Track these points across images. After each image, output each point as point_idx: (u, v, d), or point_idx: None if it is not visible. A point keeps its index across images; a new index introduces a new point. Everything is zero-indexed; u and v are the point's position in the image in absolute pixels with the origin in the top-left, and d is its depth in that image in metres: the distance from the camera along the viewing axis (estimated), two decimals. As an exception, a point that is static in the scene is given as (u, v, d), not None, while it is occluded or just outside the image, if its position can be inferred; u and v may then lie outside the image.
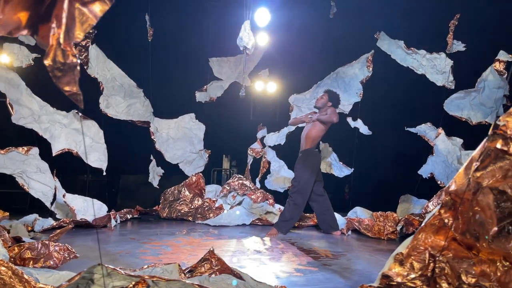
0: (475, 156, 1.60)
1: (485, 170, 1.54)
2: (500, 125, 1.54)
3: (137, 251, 3.55)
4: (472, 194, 1.56)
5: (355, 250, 4.10)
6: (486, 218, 1.54)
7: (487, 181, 1.53)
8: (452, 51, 6.05)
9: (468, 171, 1.59)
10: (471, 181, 1.53)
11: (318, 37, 7.05)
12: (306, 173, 4.80)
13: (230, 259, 3.37)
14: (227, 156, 9.08)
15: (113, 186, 8.14)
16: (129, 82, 6.26)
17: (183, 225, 5.33)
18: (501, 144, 1.53)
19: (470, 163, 1.61)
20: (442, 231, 1.66)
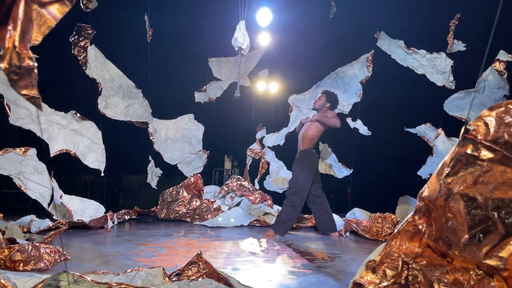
0: (446, 161, 1.55)
1: (456, 176, 1.50)
2: (471, 130, 1.52)
3: (131, 253, 3.53)
4: (444, 200, 1.52)
5: (352, 252, 4.07)
6: (458, 225, 1.50)
7: (458, 187, 1.48)
8: (452, 51, 6.01)
9: (440, 177, 1.54)
10: (443, 187, 1.49)
11: (318, 37, 7.02)
12: (303, 174, 4.76)
13: (224, 261, 3.34)
14: (229, 156, 9.07)
15: (115, 187, 8.18)
16: (128, 82, 6.25)
17: (181, 226, 5.32)
18: (472, 150, 1.49)
19: (441, 168, 1.56)
20: (416, 237, 1.62)
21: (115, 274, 1.85)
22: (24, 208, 5.69)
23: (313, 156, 4.94)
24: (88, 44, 5.96)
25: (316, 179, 4.94)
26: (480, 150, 1.49)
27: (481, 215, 1.46)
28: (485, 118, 1.53)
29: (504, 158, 1.47)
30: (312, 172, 4.81)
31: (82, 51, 5.93)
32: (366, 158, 6.46)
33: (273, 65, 7.34)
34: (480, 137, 1.49)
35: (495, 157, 1.48)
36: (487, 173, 1.48)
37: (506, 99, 5.50)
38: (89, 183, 7.22)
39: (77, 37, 5.93)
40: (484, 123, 1.52)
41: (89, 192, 6.98)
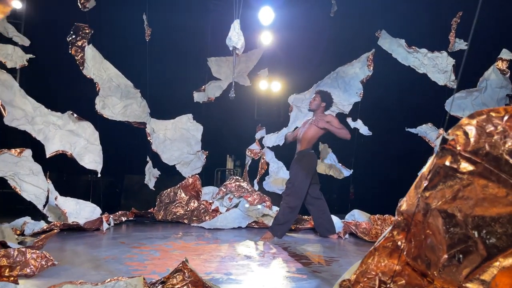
0: (424, 173, 1.43)
1: (434, 189, 1.39)
2: (449, 140, 1.39)
3: (123, 256, 3.48)
4: (422, 216, 1.42)
5: (350, 255, 3.99)
6: (437, 243, 1.40)
7: (436, 202, 1.38)
8: (454, 50, 5.91)
9: (418, 190, 1.43)
10: (421, 202, 1.39)
11: (320, 36, 6.95)
12: (301, 175, 4.68)
13: (217, 265, 3.28)
14: (231, 156, 9.04)
15: (117, 186, 8.16)
16: (126, 82, 6.20)
17: (178, 228, 5.26)
18: (450, 161, 1.37)
19: (419, 181, 1.45)
20: (395, 254, 1.51)
21: (93, 284, 1.79)
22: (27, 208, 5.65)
23: (311, 156, 4.85)
24: (85, 43, 5.91)
25: (315, 180, 4.86)
26: (459, 162, 1.38)
27: (460, 233, 1.36)
28: (465, 127, 1.42)
29: (485, 171, 1.36)
30: (310, 173, 4.73)
31: (79, 51, 5.89)
32: (366, 159, 6.38)
33: (274, 64, 7.27)
34: (460, 148, 1.38)
35: (476, 169, 1.37)
36: (467, 188, 1.37)
37: (509, 98, 5.40)
38: (91, 183, 7.19)
39: (74, 36, 5.89)
40: (463, 133, 1.40)
41: (91, 191, 6.97)
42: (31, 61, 5.54)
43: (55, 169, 6.56)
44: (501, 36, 5.31)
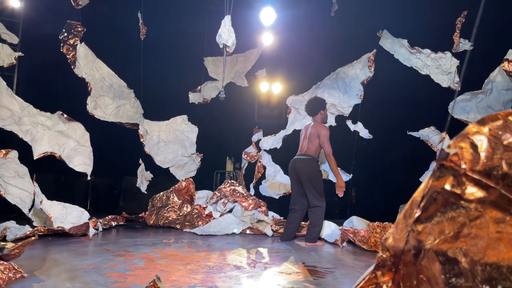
0: (416, 197, 1.08)
1: (430, 222, 1.04)
2: (450, 154, 1.04)
3: (105, 266, 3.28)
4: (413, 256, 1.08)
5: (346, 266, 3.78)
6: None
7: (431, 240, 1.04)
8: (458, 50, 5.69)
9: (408, 221, 1.09)
10: (411, 237, 1.05)
11: (320, 36, 6.75)
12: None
13: (203, 277, 3.08)
14: (231, 158, 8.84)
15: (115, 188, 7.99)
16: (119, 82, 6.03)
17: (170, 234, 5.06)
18: (452, 185, 1.01)
19: (410, 209, 1.10)
20: None
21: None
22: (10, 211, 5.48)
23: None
24: (77, 42, 5.76)
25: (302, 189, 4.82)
26: (464, 186, 1.03)
27: (465, 287, 0.99)
28: (472, 137, 1.04)
29: (501, 199, 1.00)
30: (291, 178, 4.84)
31: (71, 49, 5.73)
32: (366, 163, 6.17)
33: (276, 65, 7.08)
34: (465, 166, 1.03)
35: (488, 197, 1.02)
36: (475, 222, 1.01)
37: (516, 101, 5.18)
38: (89, 184, 7.03)
39: (66, 34, 5.73)
40: (471, 145, 1.04)
41: (89, 193, 6.80)
42: (23, 59, 5.39)
43: (52, 171, 6.42)
44: (508, 37, 5.09)
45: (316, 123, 4.86)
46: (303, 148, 4.83)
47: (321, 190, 4.73)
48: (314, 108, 4.86)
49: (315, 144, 4.74)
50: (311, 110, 4.89)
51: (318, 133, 4.72)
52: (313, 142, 4.74)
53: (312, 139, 4.75)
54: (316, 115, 4.87)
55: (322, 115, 4.89)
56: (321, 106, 4.87)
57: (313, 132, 4.76)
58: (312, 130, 4.78)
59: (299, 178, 4.77)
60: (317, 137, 4.71)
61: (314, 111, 4.88)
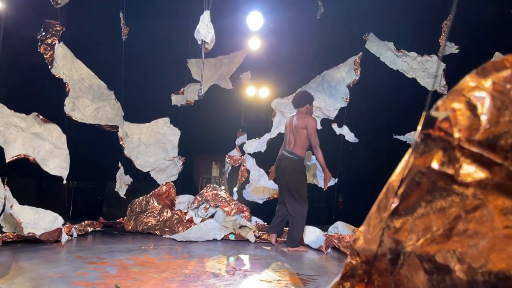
0: (393, 182, 0.84)
1: (411, 215, 0.78)
2: (439, 120, 0.81)
3: (74, 274, 3.08)
4: (389, 262, 0.82)
5: (330, 273, 3.63)
6: None
7: (414, 239, 0.78)
8: (445, 54, 5.63)
9: (382, 215, 0.85)
10: (386, 237, 0.80)
11: (308, 41, 6.65)
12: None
13: (178, 285, 2.90)
14: (217, 163, 8.65)
15: (98, 194, 7.74)
16: (99, 83, 5.85)
17: (148, 240, 4.87)
18: (441, 162, 0.77)
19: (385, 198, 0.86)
20: None
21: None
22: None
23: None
24: (56, 41, 5.57)
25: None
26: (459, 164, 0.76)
27: None
28: (469, 94, 0.77)
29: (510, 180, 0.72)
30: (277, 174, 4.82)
31: (49, 49, 5.54)
32: (352, 167, 6.05)
33: (263, 70, 6.94)
34: (460, 135, 0.77)
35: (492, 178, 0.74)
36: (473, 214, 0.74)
37: (501, 105, 5.11)
38: (71, 190, 6.80)
39: (44, 34, 5.54)
40: (467, 105, 0.77)
41: (71, 199, 6.58)
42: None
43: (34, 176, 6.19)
44: (495, 39, 5.04)
45: (301, 114, 4.74)
46: (291, 143, 4.69)
47: (303, 193, 4.63)
48: (302, 100, 4.78)
49: (303, 137, 4.60)
50: (298, 102, 4.78)
51: (305, 124, 4.58)
52: (300, 134, 4.61)
53: (299, 130, 4.62)
54: (302, 107, 4.76)
55: (308, 109, 4.77)
56: (309, 100, 4.79)
57: (300, 124, 4.61)
58: (299, 122, 4.63)
59: (283, 174, 4.70)
60: (305, 128, 4.58)
61: (300, 103, 4.78)
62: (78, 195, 6.83)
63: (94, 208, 6.84)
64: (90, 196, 7.50)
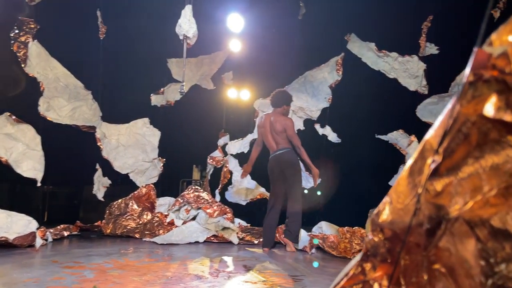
0: (430, 139, 0.76)
1: (455, 175, 0.68)
2: (493, 56, 0.68)
3: (49, 278, 2.93)
4: (425, 233, 0.71)
5: (315, 273, 3.57)
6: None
7: (461, 202, 0.67)
8: (425, 54, 5.68)
9: (417, 179, 0.74)
10: (424, 203, 0.70)
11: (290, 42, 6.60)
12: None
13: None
14: (198, 166, 8.50)
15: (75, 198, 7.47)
16: (75, 83, 5.66)
17: (128, 244, 4.71)
18: (497, 107, 0.64)
19: (420, 159, 0.76)
20: None
21: None
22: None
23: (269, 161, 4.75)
24: (30, 39, 5.38)
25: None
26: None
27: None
28: None
29: None
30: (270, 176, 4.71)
31: (22, 47, 5.34)
32: (334, 167, 6.01)
33: (244, 72, 6.85)
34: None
35: None
36: None
37: (481, 104, 5.17)
38: (46, 195, 6.53)
39: (17, 31, 5.34)
40: None
41: (46, 204, 6.32)
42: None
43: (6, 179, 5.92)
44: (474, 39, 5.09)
45: (278, 115, 4.70)
46: (280, 143, 4.63)
47: (301, 192, 4.68)
48: (281, 100, 4.72)
49: (284, 138, 4.62)
50: (276, 101, 4.73)
51: (283, 127, 4.59)
52: (281, 136, 4.61)
53: (279, 133, 4.61)
54: (279, 108, 4.71)
55: (285, 110, 4.73)
56: (287, 101, 4.75)
57: (278, 128, 4.60)
58: (277, 126, 4.61)
59: (285, 172, 4.58)
60: (284, 131, 4.58)
61: (279, 103, 4.73)
62: (53, 200, 6.56)
63: (70, 213, 6.59)
64: (66, 201, 7.25)
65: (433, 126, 0.74)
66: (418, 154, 0.80)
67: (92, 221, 5.48)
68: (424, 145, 0.78)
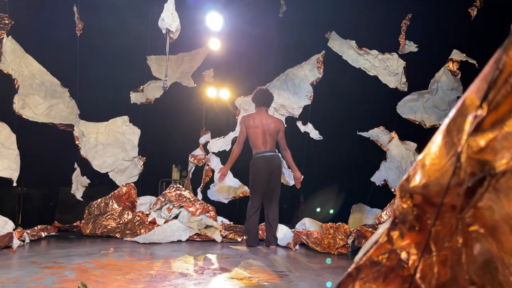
0: (470, 95, 0.69)
1: (499, 129, 0.64)
2: None
3: (28, 279, 2.82)
4: (464, 194, 0.68)
5: (301, 268, 3.56)
6: (506, 255, 0.65)
7: (507, 157, 0.64)
8: (404, 52, 5.76)
9: (457, 136, 0.70)
10: (466, 160, 0.66)
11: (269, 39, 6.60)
12: (250, 179, 4.61)
13: (145, 286, 2.72)
14: (177, 166, 8.39)
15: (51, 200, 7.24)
16: (51, 80, 5.51)
17: (108, 244, 4.60)
18: None
19: (459, 115, 0.71)
20: (395, 281, 0.76)
21: None
22: None
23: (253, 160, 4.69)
24: (4, 35, 5.20)
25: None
26: None
27: None
28: None
29: None
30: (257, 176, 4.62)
31: (-4, 43, 5.16)
32: (317, 164, 6.04)
33: (224, 68, 6.80)
34: None
35: None
36: None
37: (459, 100, 5.27)
38: (21, 196, 6.31)
39: (-10, 27, 5.16)
40: None
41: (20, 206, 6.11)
42: None
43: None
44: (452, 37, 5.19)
45: (270, 116, 4.81)
46: (266, 144, 4.62)
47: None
48: (270, 99, 4.78)
49: (274, 140, 4.67)
50: (267, 101, 4.76)
51: (278, 128, 4.68)
52: (273, 137, 4.65)
53: (273, 134, 4.64)
54: (269, 107, 4.76)
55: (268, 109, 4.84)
56: (272, 100, 4.81)
57: (273, 128, 4.64)
58: (272, 126, 4.64)
59: (272, 175, 4.59)
60: (278, 132, 4.66)
61: (269, 102, 4.77)
62: (28, 202, 6.34)
63: (46, 215, 6.39)
64: (42, 203, 7.03)
65: (472, 84, 0.72)
66: (457, 112, 0.75)
67: (67, 223, 5.33)
68: (464, 102, 0.74)
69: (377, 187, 5.54)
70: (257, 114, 4.73)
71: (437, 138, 0.76)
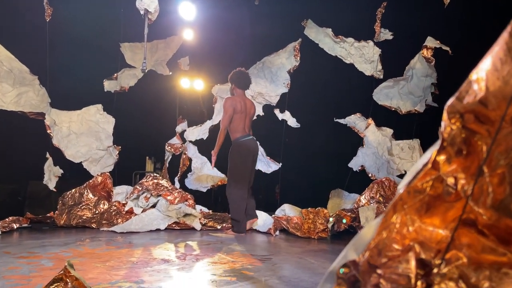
0: None
1: None
2: None
3: (4, 269, 2.71)
4: None
5: (282, 252, 3.57)
6: None
7: None
8: (380, 40, 5.82)
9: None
10: None
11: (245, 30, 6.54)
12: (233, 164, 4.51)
13: (127, 272, 2.66)
14: (151, 158, 8.25)
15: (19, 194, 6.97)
16: (20, 67, 5.30)
17: (84, 234, 4.48)
18: None
19: None
20: (442, 206, 0.71)
21: None
22: None
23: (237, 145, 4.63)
24: (-33, 20, 4.94)
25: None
26: None
27: None
28: None
29: None
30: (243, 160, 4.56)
31: (-41, 28, 4.90)
32: (295, 151, 6.06)
33: (199, 56, 6.69)
34: None
35: None
36: None
37: (434, 87, 5.38)
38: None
39: (-47, 11, 4.89)
40: None
41: None
42: None
43: None
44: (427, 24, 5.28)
45: (250, 100, 4.77)
46: (249, 128, 4.66)
47: None
48: (250, 83, 4.73)
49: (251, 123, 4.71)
50: (247, 84, 4.69)
51: (255, 111, 4.73)
52: (251, 121, 4.69)
53: (251, 118, 4.69)
54: (245, 90, 4.71)
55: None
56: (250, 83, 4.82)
57: (253, 113, 4.69)
58: (252, 111, 4.67)
59: (254, 159, 4.63)
60: (254, 115, 4.71)
61: (249, 86, 4.72)
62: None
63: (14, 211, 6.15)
64: (9, 197, 6.77)
65: None
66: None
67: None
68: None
69: (355, 172, 5.62)
70: (241, 98, 4.64)
71: (500, 43, 0.69)
